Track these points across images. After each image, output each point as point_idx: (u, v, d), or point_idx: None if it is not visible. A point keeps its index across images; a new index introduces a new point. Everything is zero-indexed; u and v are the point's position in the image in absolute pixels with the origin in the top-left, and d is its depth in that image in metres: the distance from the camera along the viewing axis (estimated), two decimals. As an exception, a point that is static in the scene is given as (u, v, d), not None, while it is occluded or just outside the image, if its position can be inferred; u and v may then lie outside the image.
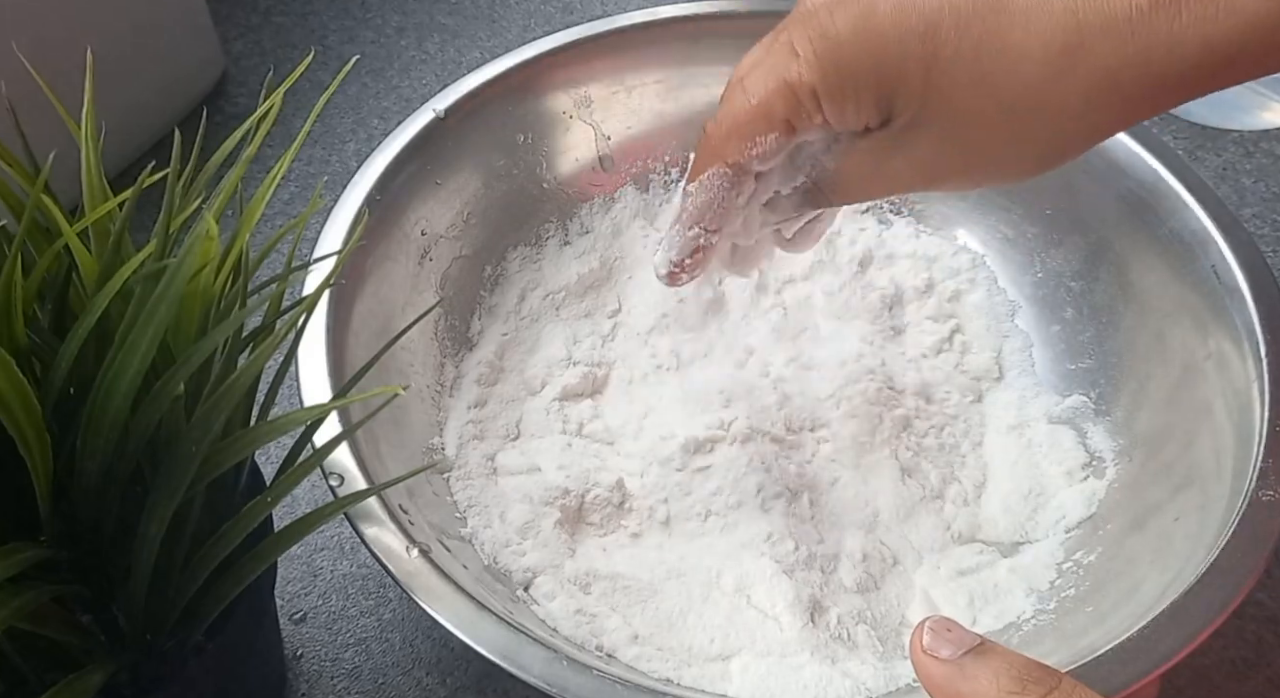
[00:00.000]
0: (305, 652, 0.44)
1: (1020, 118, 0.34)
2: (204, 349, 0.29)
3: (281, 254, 0.54)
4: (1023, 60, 0.33)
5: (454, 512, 0.43)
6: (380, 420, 0.40)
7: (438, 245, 0.48)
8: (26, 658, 0.31)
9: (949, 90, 0.34)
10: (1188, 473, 0.41)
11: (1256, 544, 0.36)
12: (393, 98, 0.63)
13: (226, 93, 0.63)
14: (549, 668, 0.34)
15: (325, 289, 0.34)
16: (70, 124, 0.33)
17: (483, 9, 0.68)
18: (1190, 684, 0.43)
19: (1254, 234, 0.45)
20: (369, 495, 0.36)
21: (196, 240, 0.29)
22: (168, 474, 0.30)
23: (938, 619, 0.28)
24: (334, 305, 0.42)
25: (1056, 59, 0.32)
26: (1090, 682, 0.27)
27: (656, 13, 0.52)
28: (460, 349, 0.48)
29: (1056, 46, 0.32)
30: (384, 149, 0.47)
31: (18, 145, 0.32)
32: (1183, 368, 0.43)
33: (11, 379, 0.27)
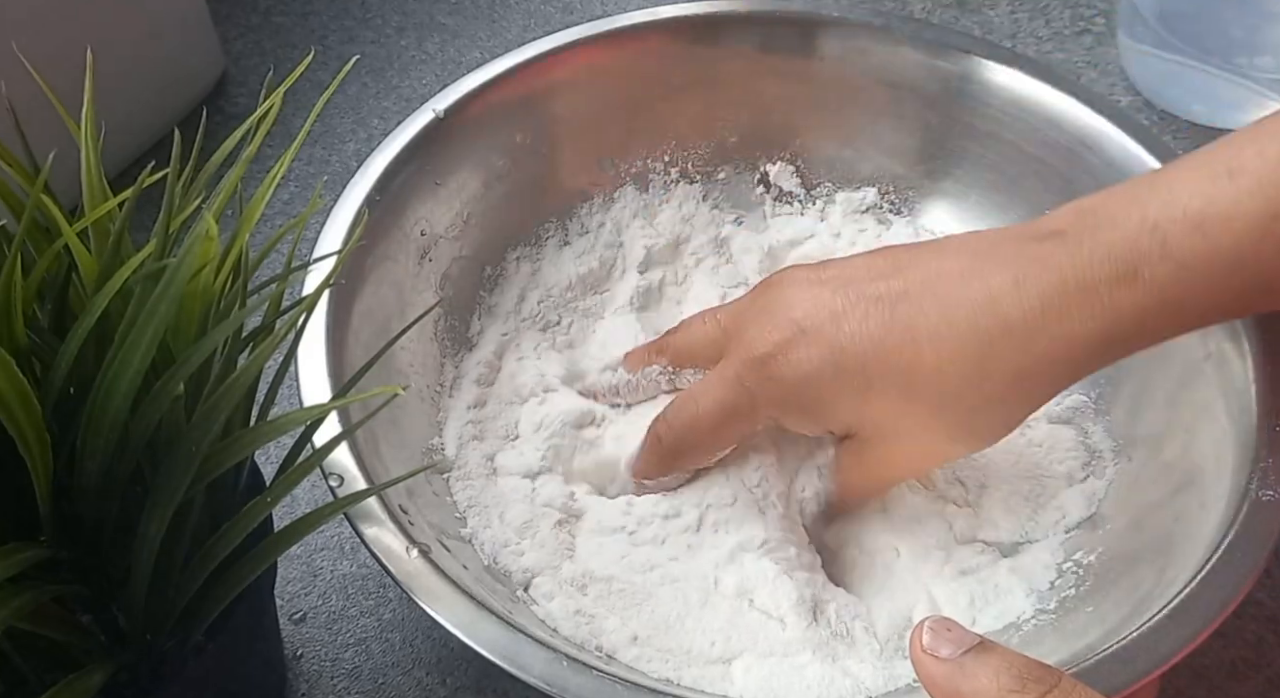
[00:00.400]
0: (305, 652, 0.44)
1: (959, 414, 0.38)
2: (204, 349, 0.29)
3: (281, 254, 0.54)
4: (942, 376, 0.37)
5: (454, 512, 0.43)
6: (380, 420, 0.40)
7: (438, 245, 0.48)
8: (26, 658, 0.31)
9: (887, 411, 0.38)
10: (1188, 473, 0.41)
11: (1256, 544, 0.36)
12: (393, 98, 0.63)
13: (226, 93, 0.63)
14: (549, 668, 0.34)
15: (325, 289, 0.34)
16: (70, 124, 0.33)
17: (483, 9, 0.68)
18: (1190, 684, 0.43)
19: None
20: (369, 495, 0.36)
21: (196, 240, 0.29)
22: (168, 474, 0.30)
23: (937, 619, 0.28)
24: (334, 305, 0.42)
25: (972, 371, 0.37)
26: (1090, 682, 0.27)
27: (656, 13, 0.52)
28: (460, 349, 0.48)
29: (970, 360, 0.37)
30: (384, 149, 0.47)
31: (18, 145, 0.32)
32: (1182, 368, 0.43)
33: (11, 379, 0.27)
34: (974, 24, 0.65)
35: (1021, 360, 0.36)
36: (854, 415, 0.39)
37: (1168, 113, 0.61)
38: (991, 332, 0.36)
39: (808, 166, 0.54)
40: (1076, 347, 0.36)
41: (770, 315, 0.40)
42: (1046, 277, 0.36)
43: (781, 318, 0.39)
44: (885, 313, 0.37)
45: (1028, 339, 0.36)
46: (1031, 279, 0.36)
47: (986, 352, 0.36)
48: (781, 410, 0.40)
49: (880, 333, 0.37)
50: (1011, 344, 0.36)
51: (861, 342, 0.38)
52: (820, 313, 0.38)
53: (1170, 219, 0.35)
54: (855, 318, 0.38)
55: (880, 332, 0.37)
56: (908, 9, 0.66)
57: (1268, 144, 0.34)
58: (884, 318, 0.37)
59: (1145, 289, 0.35)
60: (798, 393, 0.39)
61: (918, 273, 0.38)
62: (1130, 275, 0.35)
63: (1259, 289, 0.35)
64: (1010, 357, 0.36)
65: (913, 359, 0.37)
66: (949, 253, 0.39)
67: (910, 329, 0.37)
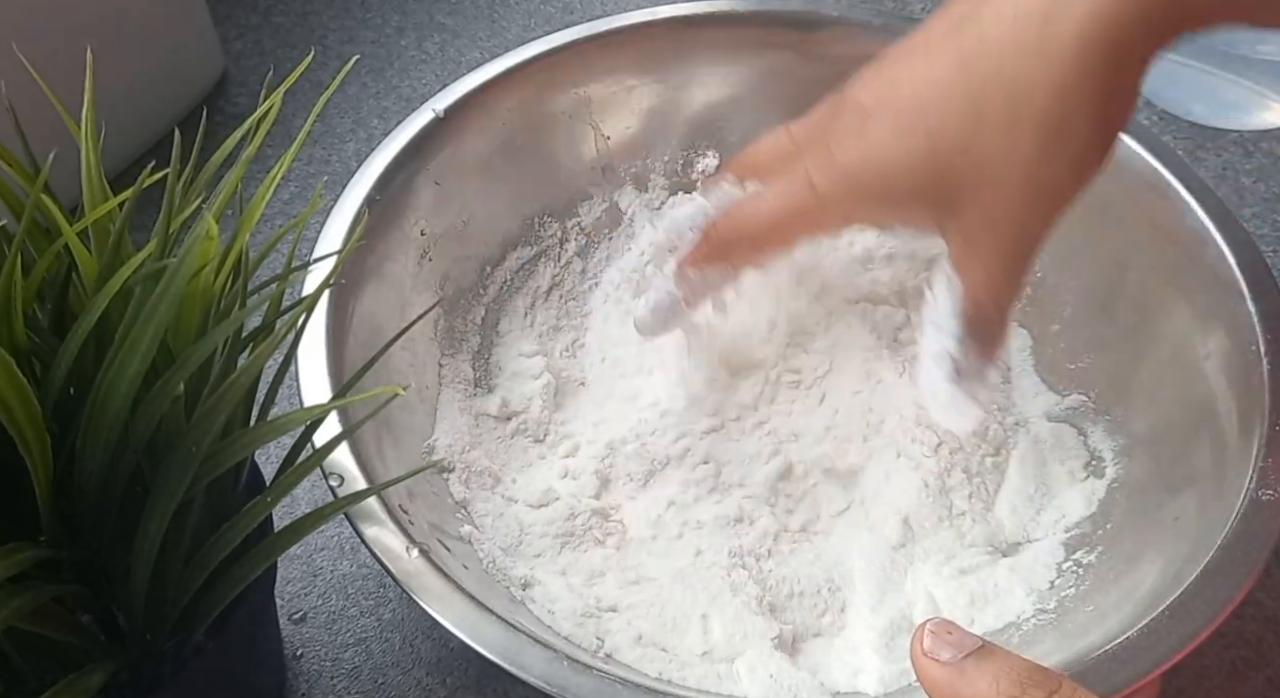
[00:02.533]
0: (305, 652, 0.44)
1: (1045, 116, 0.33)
2: (204, 349, 0.29)
3: (281, 254, 0.54)
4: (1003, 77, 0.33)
5: (454, 512, 0.43)
6: (380, 420, 0.40)
7: (438, 245, 0.48)
8: (26, 658, 0.31)
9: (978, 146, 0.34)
10: (1188, 473, 0.41)
11: (1256, 544, 0.36)
12: (393, 98, 0.63)
13: (226, 93, 0.63)
14: (549, 668, 0.34)
15: (325, 289, 0.34)
16: (70, 124, 0.33)
17: (483, 9, 0.68)
18: (1190, 684, 0.43)
19: (1254, 234, 0.45)
20: (369, 495, 0.36)
21: (196, 240, 0.29)
22: (168, 474, 0.30)
23: (938, 622, 0.28)
24: (334, 305, 0.42)
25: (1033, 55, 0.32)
26: (1090, 682, 0.27)
27: (656, 13, 0.52)
28: (460, 349, 0.48)
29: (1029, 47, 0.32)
30: (384, 149, 0.47)
31: (18, 145, 0.32)
32: (1182, 367, 0.43)
33: (11, 379, 0.27)
34: (974, 24, 0.65)
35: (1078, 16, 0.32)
36: (927, 173, 0.35)
37: (1168, 113, 0.61)
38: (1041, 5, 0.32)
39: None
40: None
41: (837, 110, 0.37)
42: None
43: (848, 108, 0.36)
44: (933, 53, 0.35)
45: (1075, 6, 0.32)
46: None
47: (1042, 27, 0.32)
48: (856, 199, 0.37)
49: (931, 73, 0.34)
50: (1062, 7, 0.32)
51: (914, 91, 0.34)
52: (880, 88, 0.36)
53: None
54: (906, 74, 0.35)
55: (931, 72, 0.34)
56: (908, 9, 0.66)
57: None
58: (933, 57, 0.34)
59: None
60: (867, 172, 0.36)
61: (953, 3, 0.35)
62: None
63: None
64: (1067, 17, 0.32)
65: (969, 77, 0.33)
66: None
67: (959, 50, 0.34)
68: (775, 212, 0.38)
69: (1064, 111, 0.33)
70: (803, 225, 0.39)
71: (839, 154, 0.36)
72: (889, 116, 0.35)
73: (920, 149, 0.34)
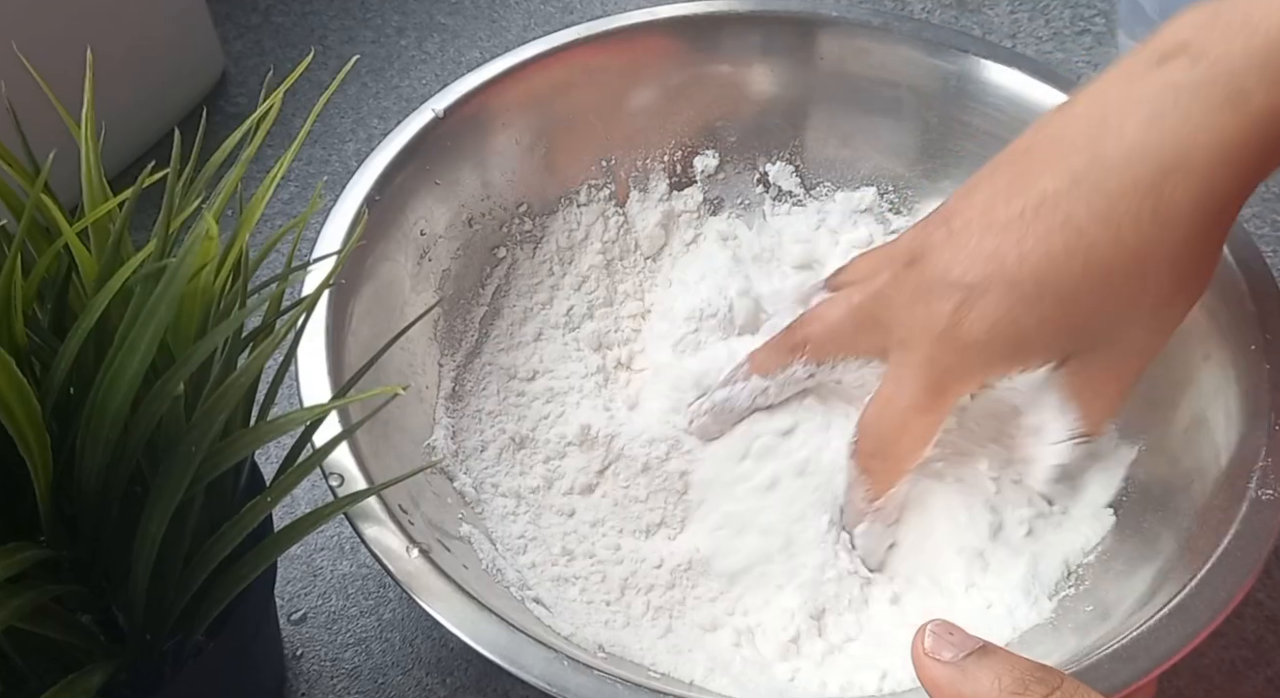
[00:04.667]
0: (305, 652, 0.44)
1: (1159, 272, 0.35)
2: (204, 349, 0.29)
3: (281, 254, 0.54)
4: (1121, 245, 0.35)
5: (454, 512, 0.43)
6: (380, 420, 0.40)
7: (437, 245, 0.48)
8: (26, 658, 0.31)
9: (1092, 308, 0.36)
10: (1188, 473, 0.41)
11: (1256, 544, 0.36)
12: (393, 98, 0.63)
13: (226, 93, 0.63)
14: (549, 668, 0.34)
15: (325, 289, 0.34)
16: (70, 124, 0.33)
17: (483, 9, 0.68)
18: (1190, 684, 0.43)
19: (1254, 234, 0.45)
20: (369, 495, 0.36)
21: (196, 240, 0.29)
22: (168, 474, 0.30)
23: (939, 623, 0.29)
24: (334, 305, 0.42)
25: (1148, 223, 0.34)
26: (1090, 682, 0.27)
27: (656, 13, 0.52)
28: (459, 349, 0.48)
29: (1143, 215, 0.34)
30: (383, 149, 0.47)
31: (18, 145, 0.32)
32: (1182, 368, 0.43)
33: (11, 379, 0.27)
34: (974, 24, 0.65)
35: (1190, 186, 0.33)
36: (1063, 335, 0.37)
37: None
38: (1150, 177, 0.33)
39: (807, 166, 0.54)
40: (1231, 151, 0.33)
41: (928, 289, 0.37)
42: (1185, 99, 0.32)
43: (941, 287, 0.37)
44: (1037, 225, 0.35)
45: (1184, 164, 0.33)
46: (1169, 107, 0.33)
47: (1156, 200, 0.33)
48: (986, 368, 0.38)
49: (1043, 246, 0.35)
50: (1174, 178, 0.33)
51: (1032, 265, 0.35)
52: (977, 262, 0.36)
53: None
54: (1011, 247, 0.35)
55: (1043, 245, 0.35)
56: (907, 9, 0.66)
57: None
58: (1039, 230, 0.35)
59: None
60: (1000, 343, 0.37)
61: (1043, 169, 0.36)
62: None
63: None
64: (1179, 188, 0.33)
65: (1088, 249, 0.34)
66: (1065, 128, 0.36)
67: (1068, 222, 0.35)
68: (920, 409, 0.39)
69: (1183, 268, 0.35)
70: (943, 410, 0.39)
71: (964, 332, 0.37)
72: (1005, 288, 0.36)
73: (1053, 316, 0.36)
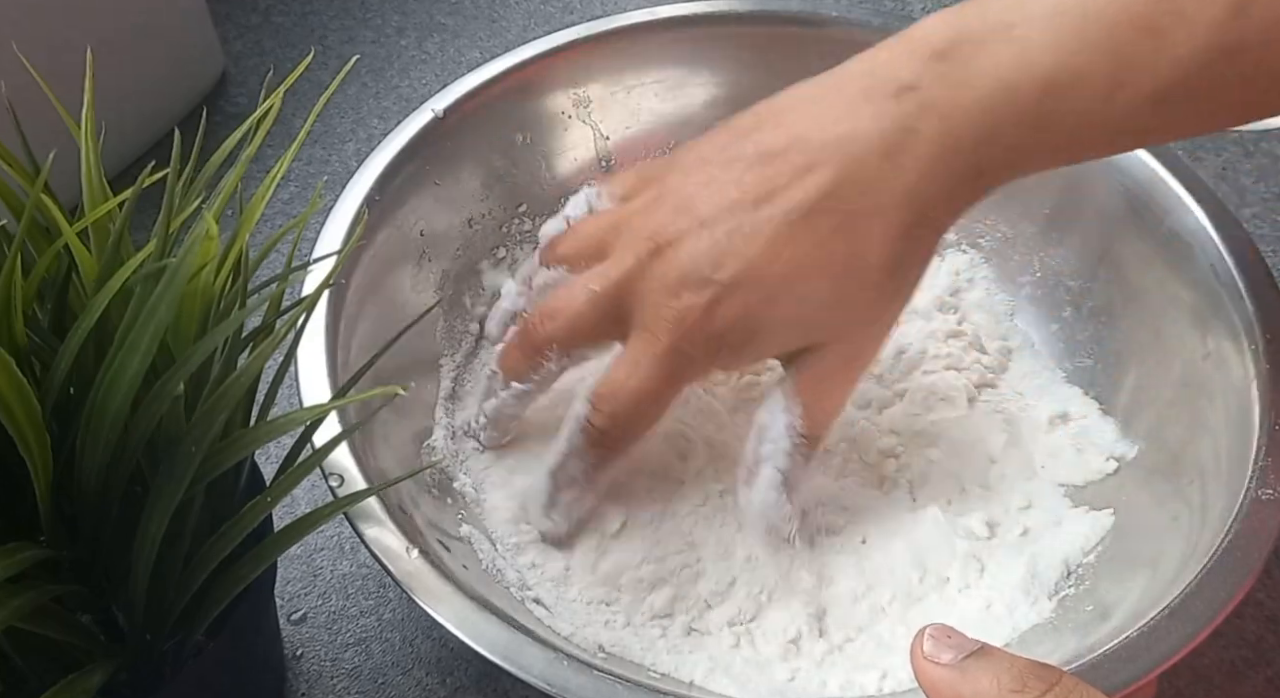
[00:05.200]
0: (305, 652, 0.44)
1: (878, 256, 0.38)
2: (204, 349, 0.29)
3: (281, 254, 0.54)
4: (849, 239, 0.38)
5: (454, 512, 0.43)
6: (380, 420, 0.40)
7: (437, 245, 0.48)
8: (26, 658, 0.31)
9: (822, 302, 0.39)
10: (1187, 473, 0.41)
11: (1256, 544, 0.36)
12: (393, 98, 0.63)
13: (226, 93, 0.63)
14: (549, 668, 0.34)
15: (325, 289, 0.34)
16: (70, 124, 0.33)
17: (483, 9, 0.68)
18: (1190, 684, 0.43)
19: (1254, 234, 0.45)
20: (369, 495, 0.36)
21: (196, 240, 0.29)
22: (168, 474, 0.30)
23: (937, 626, 0.29)
24: (334, 305, 0.42)
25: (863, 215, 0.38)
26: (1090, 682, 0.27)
27: (656, 13, 0.52)
28: (459, 349, 0.48)
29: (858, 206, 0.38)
30: (383, 149, 0.47)
31: (18, 145, 0.32)
32: (1181, 367, 0.43)
33: (11, 379, 0.27)
34: (974, 24, 0.65)
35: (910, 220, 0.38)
36: (796, 330, 0.39)
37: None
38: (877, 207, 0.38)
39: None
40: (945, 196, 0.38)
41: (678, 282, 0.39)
42: (917, 147, 0.37)
43: (694, 281, 0.38)
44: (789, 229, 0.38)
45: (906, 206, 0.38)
46: (898, 153, 0.37)
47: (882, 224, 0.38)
48: (728, 358, 0.40)
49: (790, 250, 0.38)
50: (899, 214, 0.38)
51: (776, 263, 0.38)
52: (728, 259, 0.38)
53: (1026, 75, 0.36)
54: (758, 245, 0.38)
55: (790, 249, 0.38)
56: (907, 9, 0.66)
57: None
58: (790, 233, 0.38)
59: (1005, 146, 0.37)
60: (740, 335, 0.39)
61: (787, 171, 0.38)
62: (989, 139, 0.37)
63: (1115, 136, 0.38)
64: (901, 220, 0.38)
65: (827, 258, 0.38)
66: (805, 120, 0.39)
67: (812, 229, 0.38)
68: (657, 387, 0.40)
69: (899, 280, 0.39)
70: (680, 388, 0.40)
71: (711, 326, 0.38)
72: (753, 285, 0.38)
73: (790, 312, 0.39)
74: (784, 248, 0.38)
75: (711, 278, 0.38)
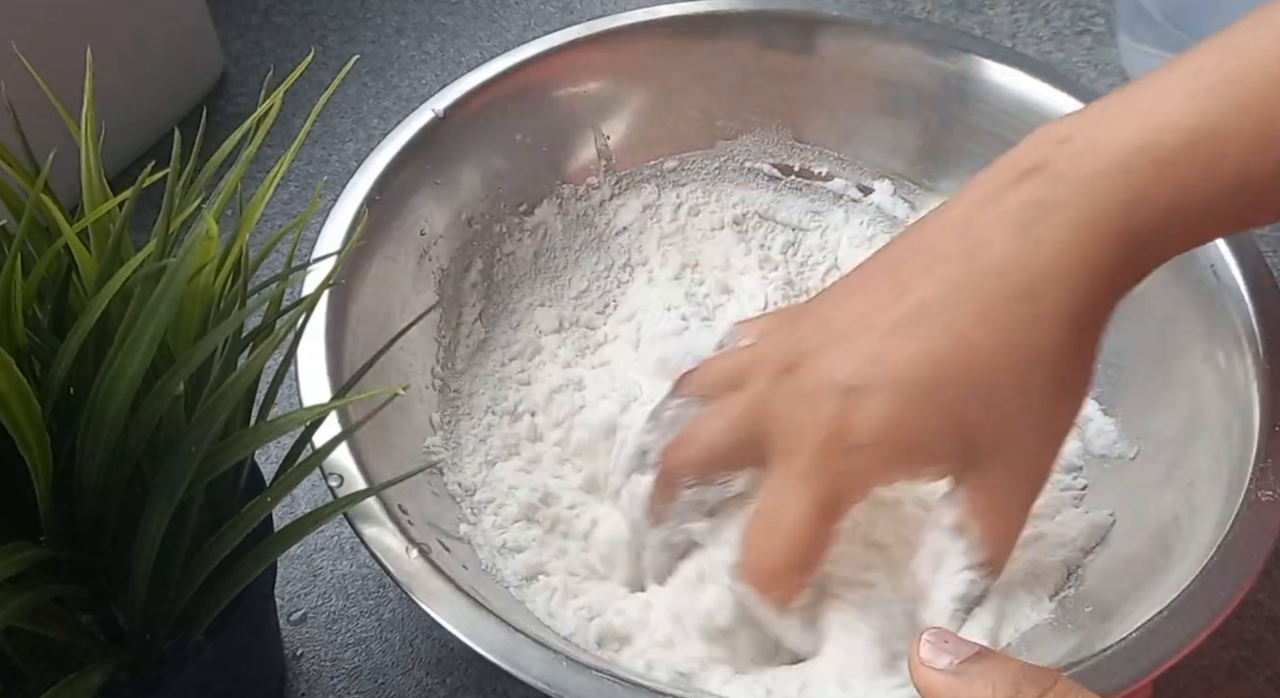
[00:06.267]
0: (305, 652, 0.44)
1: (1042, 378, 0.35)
2: (204, 349, 0.29)
3: (281, 254, 0.54)
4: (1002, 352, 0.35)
5: (453, 512, 0.43)
6: (380, 420, 0.40)
7: (437, 245, 0.48)
8: (26, 658, 0.31)
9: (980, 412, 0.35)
10: (1187, 473, 0.41)
11: (1256, 544, 0.36)
12: (393, 98, 0.63)
13: (226, 93, 0.63)
14: (549, 668, 0.34)
15: (325, 289, 0.34)
16: (70, 124, 0.33)
17: (483, 9, 0.68)
18: (1190, 685, 0.43)
19: (1254, 234, 0.45)
20: (369, 495, 0.36)
21: (196, 240, 0.29)
22: (168, 474, 0.30)
23: (935, 630, 0.29)
24: (334, 305, 0.42)
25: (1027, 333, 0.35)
26: (1090, 682, 0.27)
27: (656, 12, 0.52)
28: (459, 349, 0.48)
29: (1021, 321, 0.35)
30: (383, 149, 0.47)
31: (18, 145, 0.32)
32: (1181, 368, 0.43)
33: (11, 379, 0.27)
34: (974, 24, 0.65)
35: (1061, 294, 0.34)
36: (951, 439, 0.36)
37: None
38: (1024, 285, 0.35)
39: (807, 166, 0.54)
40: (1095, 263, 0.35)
41: (811, 393, 0.36)
42: (1049, 214, 0.34)
43: (825, 390, 0.36)
44: (920, 329, 0.35)
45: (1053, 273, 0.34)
46: (1033, 221, 0.35)
47: (1031, 305, 0.35)
48: (873, 474, 0.36)
49: (927, 347, 0.35)
50: (1044, 285, 0.34)
51: (916, 366, 0.35)
52: (861, 365, 0.36)
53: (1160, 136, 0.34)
54: (894, 350, 0.35)
55: (927, 346, 0.35)
56: (908, 9, 0.66)
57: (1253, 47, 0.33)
58: (922, 333, 0.35)
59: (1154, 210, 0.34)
60: (888, 446, 0.36)
61: (917, 278, 0.36)
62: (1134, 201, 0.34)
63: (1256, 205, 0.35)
64: (1049, 295, 0.35)
65: (971, 350, 0.35)
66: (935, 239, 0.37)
67: (949, 326, 0.35)
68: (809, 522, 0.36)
69: (1063, 372, 0.36)
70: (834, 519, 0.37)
71: (850, 436, 0.36)
72: (891, 389, 0.35)
73: (939, 418, 0.35)
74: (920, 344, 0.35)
75: (843, 383, 0.35)
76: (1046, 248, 0.34)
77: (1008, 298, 0.35)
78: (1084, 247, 0.34)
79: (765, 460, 0.38)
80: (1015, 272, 0.35)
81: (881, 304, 0.36)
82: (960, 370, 0.35)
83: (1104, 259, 0.34)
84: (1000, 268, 0.35)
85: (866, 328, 0.36)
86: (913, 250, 0.38)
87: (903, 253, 0.38)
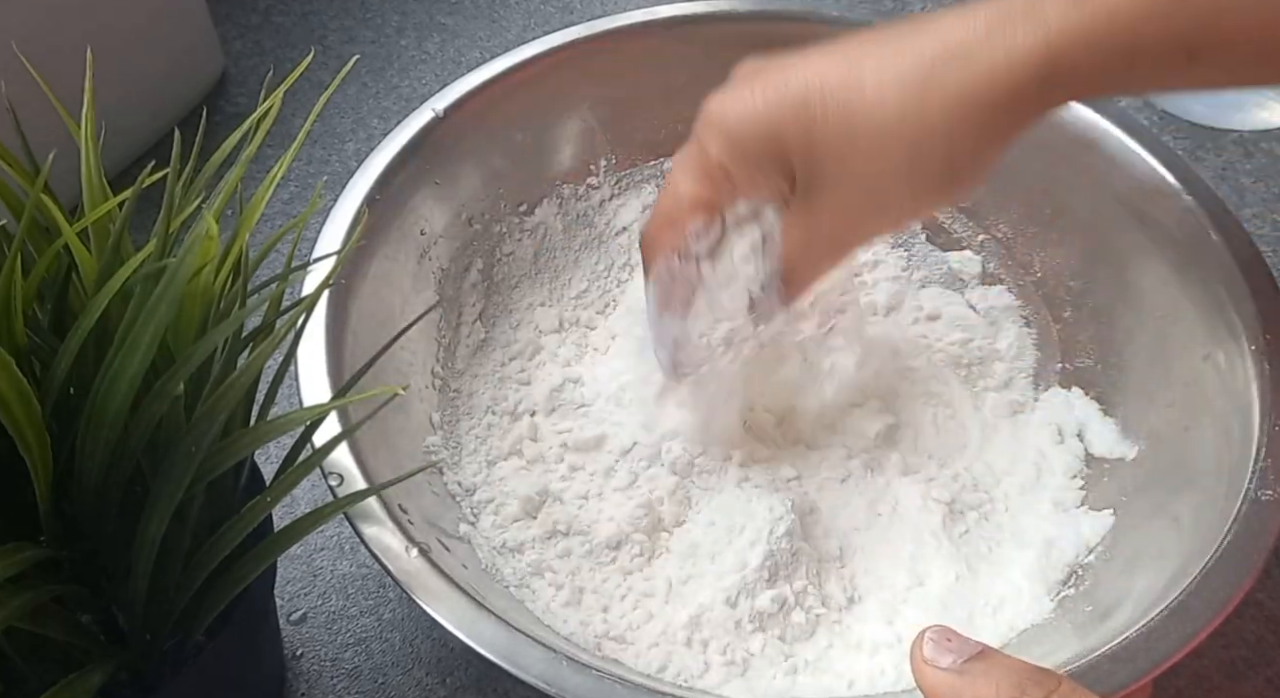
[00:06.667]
0: (305, 652, 0.44)
1: (895, 151, 0.36)
2: (204, 349, 0.29)
3: (281, 254, 0.54)
4: (882, 105, 0.36)
5: (453, 512, 0.43)
6: (380, 420, 0.40)
7: (437, 245, 0.48)
8: (26, 658, 0.31)
9: (829, 144, 0.37)
10: (1187, 473, 0.41)
11: (1256, 544, 0.36)
12: (393, 98, 0.63)
13: (226, 93, 0.63)
14: (549, 668, 0.34)
15: (325, 289, 0.34)
16: (70, 124, 0.33)
17: (483, 9, 0.68)
18: (1190, 685, 0.43)
19: (1254, 234, 0.45)
20: (368, 495, 0.36)
21: (196, 240, 0.29)
22: (168, 474, 0.30)
23: (937, 629, 0.29)
24: (334, 305, 0.42)
25: (911, 97, 0.35)
26: (1090, 682, 0.27)
27: (656, 12, 0.52)
28: (459, 348, 0.48)
29: (910, 83, 0.35)
30: (383, 149, 0.47)
31: (18, 145, 0.32)
32: (1182, 368, 0.43)
33: (11, 379, 0.27)
34: (974, 24, 0.65)
35: (962, 79, 0.35)
36: (800, 154, 0.38)
37: (1168, 113, 0.61)
38: (934, 55, 0.35)
39: (808, 166, 0.54)
40: (1016, 66, 0.34)
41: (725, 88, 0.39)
42: (994, 3, 0.35)
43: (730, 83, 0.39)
44: (835, 58, 0.37)
45: (968, 58, 0.35)
46: (979, 7, 0.35)
47: (927, 74, 0.35)
48: (736, 153, 0.39)
49: (825, 69, 0.37)
50: (952, 65, 0.35)
51: (806, 78, 0.37)
52: (768, 70, 0.38)
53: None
54: (802, 63, 0.37)
55: (825, 68, 0.37)
56: (907, 9, 0.66)
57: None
58: (832, 61, 0.37)
59: (1093, 10, 0.34)
60: (745, 133, 0.38)
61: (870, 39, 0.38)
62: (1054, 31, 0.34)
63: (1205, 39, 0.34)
64: (951, 77, 0.35)
65: (855, 89, 0.36)
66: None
67: (855, 65, 0.36)
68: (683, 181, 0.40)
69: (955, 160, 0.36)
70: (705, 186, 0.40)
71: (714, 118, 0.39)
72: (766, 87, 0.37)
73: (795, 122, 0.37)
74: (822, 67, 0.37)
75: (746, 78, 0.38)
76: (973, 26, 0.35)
77: (916, 56, 0.36)
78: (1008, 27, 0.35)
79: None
80: (935, 37, 0.36)
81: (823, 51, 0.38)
82: (835, 102, 0.36)
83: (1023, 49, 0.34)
84: (929, 34, 0.36)
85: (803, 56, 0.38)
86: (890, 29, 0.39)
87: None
